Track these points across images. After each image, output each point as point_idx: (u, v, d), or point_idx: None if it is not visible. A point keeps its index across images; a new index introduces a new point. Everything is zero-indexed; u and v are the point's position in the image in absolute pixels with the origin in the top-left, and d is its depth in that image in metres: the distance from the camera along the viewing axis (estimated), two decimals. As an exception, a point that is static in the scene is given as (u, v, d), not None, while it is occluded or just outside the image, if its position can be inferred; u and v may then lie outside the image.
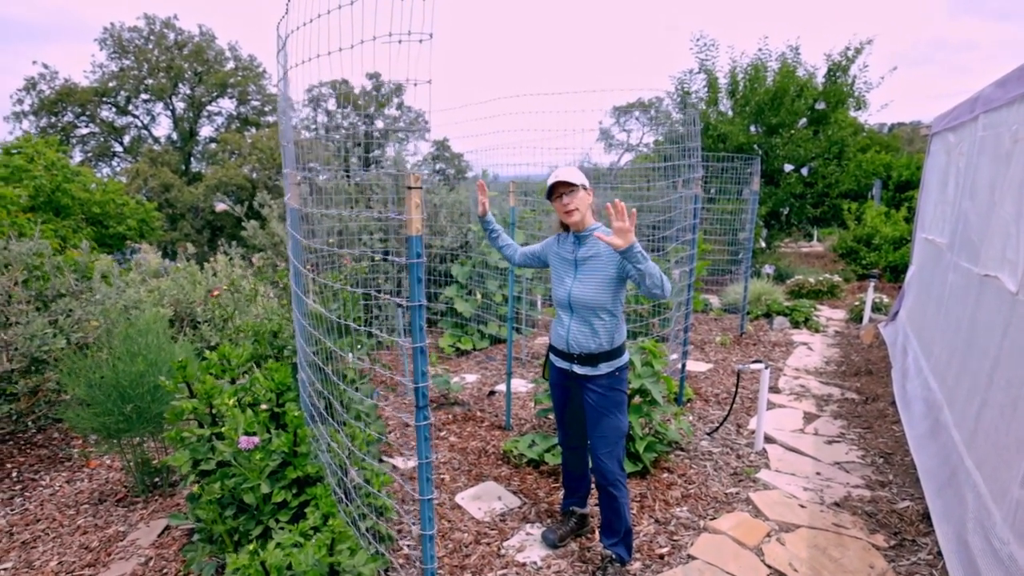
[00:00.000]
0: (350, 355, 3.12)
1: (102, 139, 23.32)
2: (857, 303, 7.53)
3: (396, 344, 5.67)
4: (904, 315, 5.31)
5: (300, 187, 2.49)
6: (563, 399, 2.58)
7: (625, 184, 7.05)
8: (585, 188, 2.36)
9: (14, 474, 3.61)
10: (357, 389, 3.33)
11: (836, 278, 8.84)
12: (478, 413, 4.48)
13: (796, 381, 5.11)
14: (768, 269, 8.52)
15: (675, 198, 4.25)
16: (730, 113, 9.96)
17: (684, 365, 4.45)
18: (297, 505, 2.37)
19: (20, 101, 21.41)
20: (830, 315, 7.70)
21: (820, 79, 9.53)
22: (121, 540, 2.90)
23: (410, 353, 1.58)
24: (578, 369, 2.42)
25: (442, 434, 4.11)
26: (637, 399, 3.50)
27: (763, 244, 10.01)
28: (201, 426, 2.63)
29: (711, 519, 2.94)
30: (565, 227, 2.48)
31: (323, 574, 1.86)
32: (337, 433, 2.42)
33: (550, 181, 2.35)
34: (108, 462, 3.75)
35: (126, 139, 23.87)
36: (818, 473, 3.41)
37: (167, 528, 2.95)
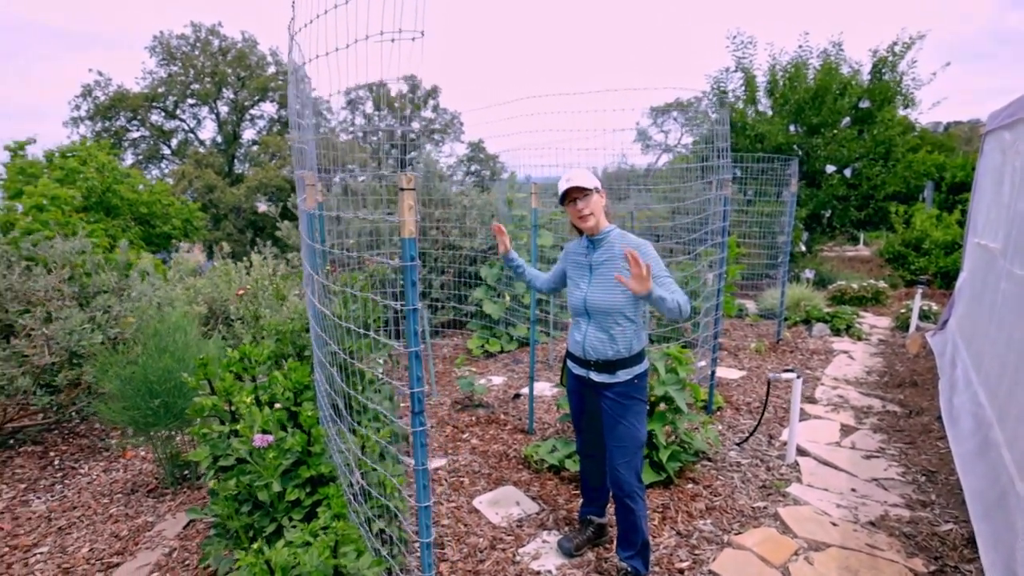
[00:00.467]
0: (377, 359, 3.14)
1: (152, 142, 24.40)
2: (903, 310, 7.17)
3: (425, 346, 5.70)
4: (954, 324, 5.01)
5: (316, 189, 2.51)
6: (580, 406, 2.52)
7: (660, 186, 6.90)
8: (598, 191, 2.30)
9: (56, 462, 3.77)
10: (377, 391, 3.34)
11: (881, 284, 8.45)
12: (502, 416, 4.45)
13: (834, 391, 4.88)
14: (808, 274, 8.20)
15: (704, 200, 4.12)
16: (769, 112, 9.65)
17: (714, 372, 4.31)
18: (310, 504, 2.39)
19: (77, 107, 22.63)
20: (874, 323, 7.36)
21: (865, 76, 9.14)
22: (149, 530, 2.98)
23: (407, 359, 1.55)
24: (595, 376, 2.36)
25: (464, 436, 4.09)
26: (662, 406, 3.40)
27: (803, 248, 9.65)
28: (222, 423, 2.68)
29: (736, 534, 2.82)
30: (579, 231, 2.43)
31: (327, 575, 1.85)
32: (347, 433, 2.42)
33: (561, 186, 2.29)
34: (143, 453, 3.87)
35: (174, 142, 24.90)
36: (853, 490, 3.24)
37: (192, 520, 3.02)
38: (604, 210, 2.35)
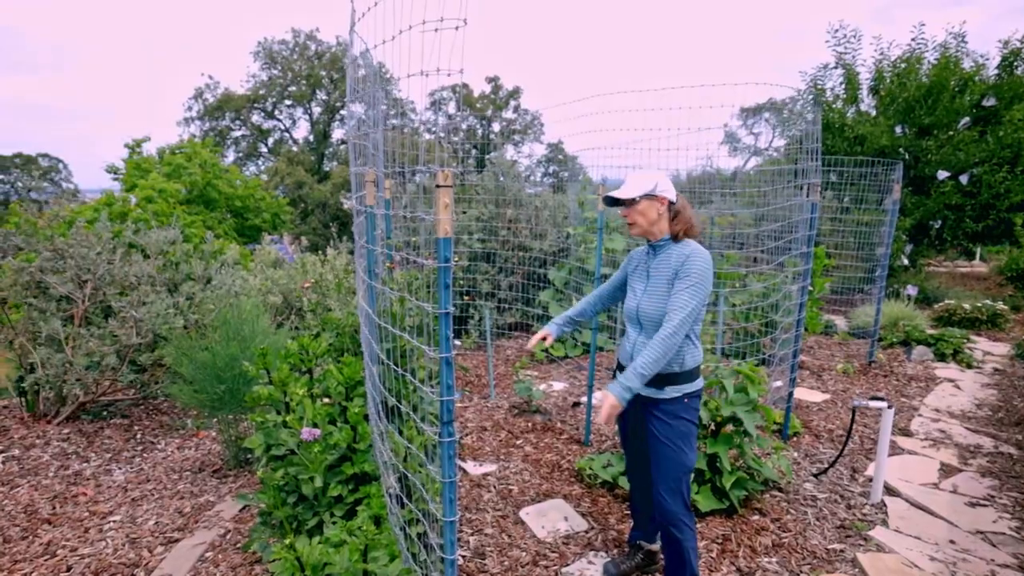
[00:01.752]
0: (428, 350, 3.11)
1: (251, 141, 26.28)
2: (1026, 337, 6.31)
3: (485, 344, 5.67)
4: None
5: (376, 186, 2.49)
6: (626, 422, 2.35)
7: (747, 190, 6.48)
8: (651, 197, 2.12)
9: (139, 435, 4.06)
10: (433, 389, 3.32)
11: (1000, 305, 7.49)
12: (558, 424, 4.32)
13: (935, 424, 4.35)
14: (910, 290, 7.42)
15: (786, 206, 3.79)
16: (872, 112, 8.83)
17: (791, 394, 3.95)
18: (352, 501, 2.39)
19: (189, 108, 24.85)
20: (988, 348, 6.53)
21: (991, 71, 8.14)
22: (209, 510, 3.12)
23: (432, 362, 1.48)
24: (642, 390, 2.19)
25: (518, 442, 4.00)
26: (729, 427, 3.14)
27: (905, 261, 8.77)
28: (278, 412, 2.75)
29: (805, 578, 2.54)
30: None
31: (356, 579, 1.82)
32: (393, 433, 2.39)
33: (603, 195, 2.20)
34: (213, 434, 4.09)
35: (271, 141, 26.67)
36: (952, 542, 2.83)
37: (246, 504, 3.13)
38: (682, 218, 2.16)
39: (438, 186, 1.21)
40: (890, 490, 3.31)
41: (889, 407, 3.05)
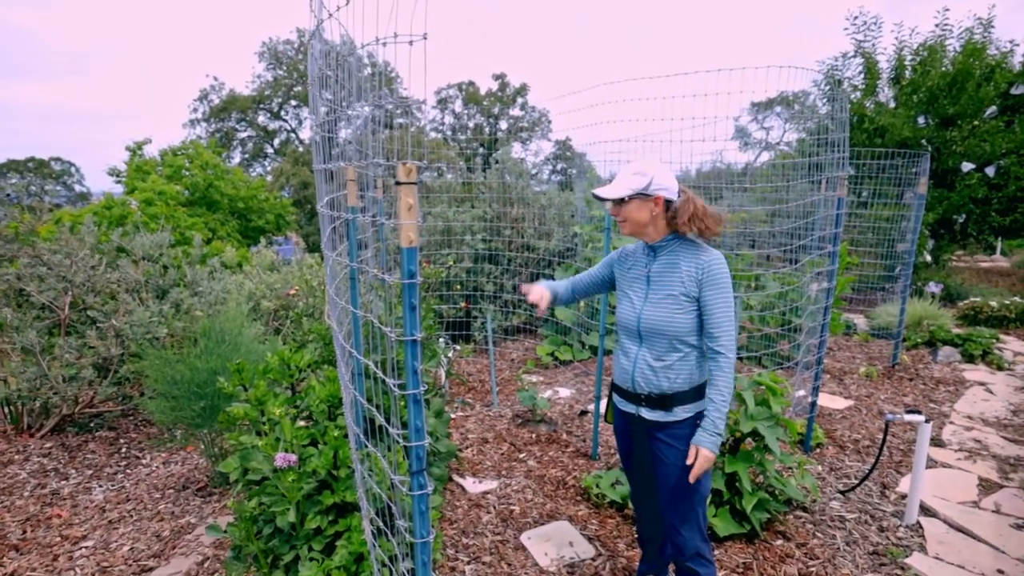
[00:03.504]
0: (392, 385, 2.88)
1: (257, 142, 26.20)
2: (1060, 337, 5.97)
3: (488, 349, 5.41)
4: None
5: (355, 185, 2.27)
6: (628, 449, 2.09)
7: (759, 185, 6.18)
8: (643, 196, 1.85)
9: (123, 450, 3.87)
10: (427, 403, 3.09)
11: (1030, 303, 7.14)
12: (564, 435, 4.07)
13: (968, 433, 4.05)
14: (933, 287, 7.09)
15: (808, 201, 3.51)
16: (892, 104, 8.48)
17: (815, 403, 3.68)
18: (332, 533, 2.16)
19: (195, 110, 24.80)
20: (1019, 349, 6.19)
21: (1019, 58, 7.77)
22: (189, 532, 2.91)
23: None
24: (646, 414, 1.93)
25: (521, 456, 3.76)
26: (748, 443, 2.89)
27: (927, 257, 8.41)
28: (258, 434, 2.53)
29: (838, 615, 2.28)
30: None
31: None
32: (377, 456, 2.16)
33: (590, 192, 1.95)
34: (203, 446, 3.89)
35: (276, 141, 26.58)
36: (1001, 572, 2.56)
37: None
38: (687, 215, 1.88)
39: (398, 183, 0.97)
40: (926, 509, 3.04)
41: (928, 421, 2.77)
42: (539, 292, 2.08)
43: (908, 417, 2.81)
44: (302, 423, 2.41)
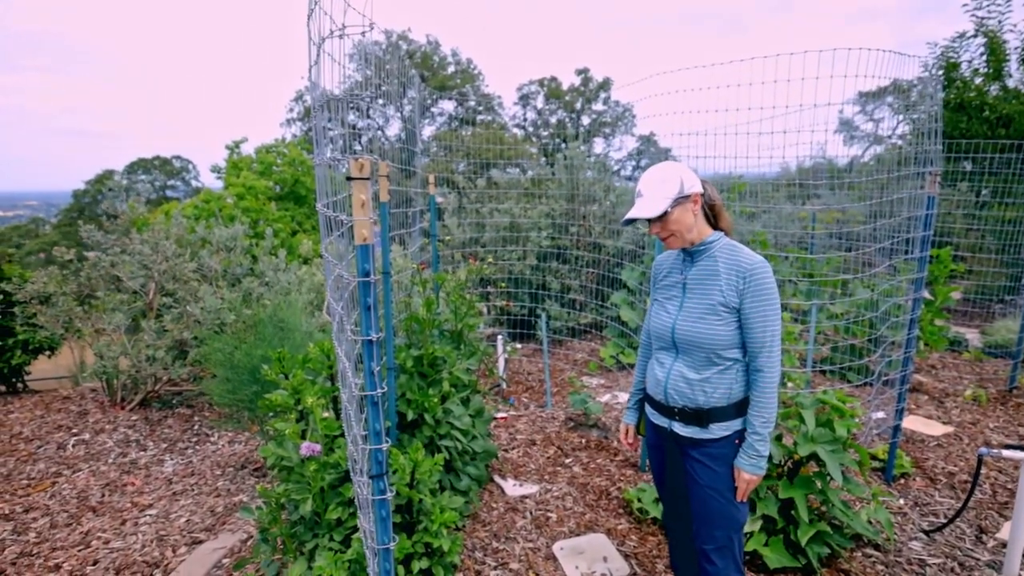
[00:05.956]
0: (354, 384, 2.85)
1: (347, 139, 27.53)
2: None
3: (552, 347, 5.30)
4: None
5: (388, 180, 2.26)
6: (661, 465, 1.93)
7: (860, 180, 5.61)
8: (682, 200, 1.67)
9: (196, 427, 4.17)
10: (464, 401, 3.06)
11: None
12: (615, 443, 3.91)
13: (1099, 475, 3.44)
14: (1068, 301, 6.13)
15: (891, 201, 3.11)
16: (1022, 88, 7.42)
17: (898, 427, 3.27)
18: (353, 526, 2.17)
19: (291, 110, 26.47)
20: None
21: None
22: (239, 511, 3.07)
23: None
24: (680, 429, 1.77)
25: (567, 461, 3.65)
26: (810, 467, 2.61)
27: (1062, 266, 7.30)
28: (297, 421, 2.60)
29: (902, 674, 1.99)
30: None
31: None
32: (398, 453, 2.15)
33: (626, 216, 1.75)
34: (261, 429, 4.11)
35: (364, 139, 27.87)
36: (1121, 647, 2.13)
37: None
38: (720, 208, 1.72)
39: (349, 179, 0.92)
40: (1030, 562, 2.60)
41: (1032, 459, 2.36)
42: (623, 431, 2.11)
43: (1008, 453, 2.41)
44: (331, 414, 2.45)
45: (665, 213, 1.67)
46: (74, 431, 3.98)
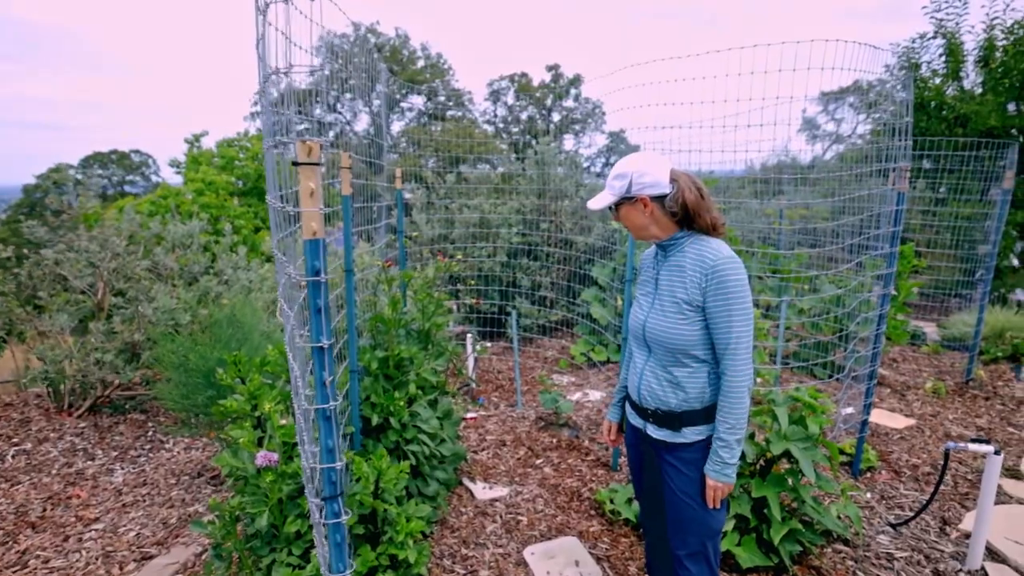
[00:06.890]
0: (302, 396, 2.74)
1: (314, 133, 26.98)
2: None
3: (524, 344, 5.23)
4: None
5: (349, 172, 2.14)
6: (638, 464, 1.88)
7: (824, 176, 5.69)
8: (628, 200, 1.64)
9: (150, 433, 3.96)
10: (432, 404, 2.96)
11: None
12: (586, 442, 3.86)
13: (1052, 464, 3.55)
14: (1021, 295, 6.36)
15: (861, 195, 3.13)
16: (978, 89, 7.65)
17: (866, 422, 3.31)
18: (311, 539, 2.06)
19: (255, 103, 25.69)
20: (1122, 368, 5.44)
21: None
22: (191, 524, 2.91)
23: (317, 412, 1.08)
24: (653, 431, 1.72)
25: (538, 462, 3.58)
26: (782, 464, 2.60)
27: (1014, 261, 7.58)
28: (255, 427, 2.47)
29: (874, 673, 1.98)
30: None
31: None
32: (361, 462, 2.04)
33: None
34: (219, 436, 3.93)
35: (332, 134, 27.28)
36: (1081, 636, 2.17)
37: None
38: (693, 212, 1.65)
39: (295, 163, 0.81)
40: (994, 553, 2.64)
41: (997, 453, 2.39)
42: (606, 428, 2.03)
43: (973, 447, 2.44)
44: (290, 420, 2.32)
45: (613, 207, 1.67)
46: (14, 440, 3.73)
